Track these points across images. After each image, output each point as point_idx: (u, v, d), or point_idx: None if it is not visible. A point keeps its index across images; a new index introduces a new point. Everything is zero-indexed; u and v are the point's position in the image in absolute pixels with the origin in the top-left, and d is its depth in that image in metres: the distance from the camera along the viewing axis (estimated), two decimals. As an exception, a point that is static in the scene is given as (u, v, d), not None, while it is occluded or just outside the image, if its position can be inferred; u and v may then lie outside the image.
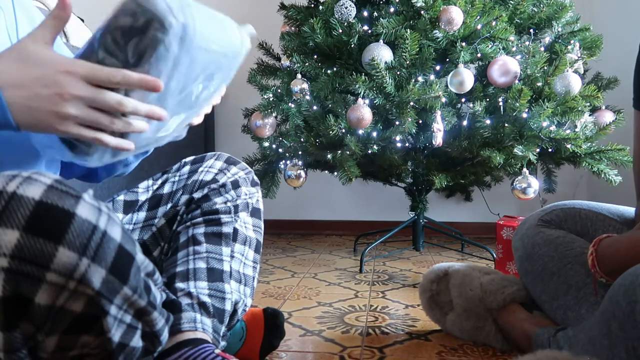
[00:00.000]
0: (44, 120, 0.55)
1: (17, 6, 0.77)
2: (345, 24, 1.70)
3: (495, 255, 1.71)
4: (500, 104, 1.60)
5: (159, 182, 0.94)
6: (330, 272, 1.81)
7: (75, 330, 0.56)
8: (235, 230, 0.88)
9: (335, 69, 1.75)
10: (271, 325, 0.95)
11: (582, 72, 1.74)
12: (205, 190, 0.89)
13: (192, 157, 0.95)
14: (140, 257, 0.59)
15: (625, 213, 1.04)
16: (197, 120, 0.75)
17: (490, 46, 1.63)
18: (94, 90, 0.56)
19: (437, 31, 1.59)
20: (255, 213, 0.93)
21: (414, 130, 1.61)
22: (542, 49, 1.71)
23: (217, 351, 0.75)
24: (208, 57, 0.64)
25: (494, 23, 1.63)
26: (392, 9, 1.69)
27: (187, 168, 0.93)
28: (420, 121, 1.67)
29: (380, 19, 1.65)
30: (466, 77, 1.57)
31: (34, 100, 0.55)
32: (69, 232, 0.51)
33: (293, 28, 1.91)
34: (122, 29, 0.56)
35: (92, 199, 0.55)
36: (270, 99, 1.80)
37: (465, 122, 1.66)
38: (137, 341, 0.62)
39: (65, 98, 0.55)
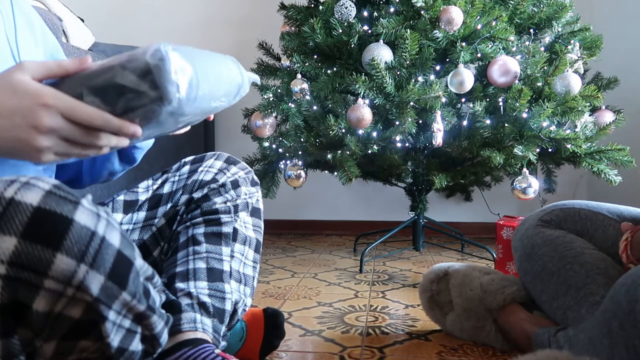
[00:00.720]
0: (18, 149, 0.55)
1: (16, 9, 0.76)
2: (345, 24, 1.70)
3: (495, 255, 1.71)
4: (500, 104, 1.60)
5: (159, 182, 0.94)
6: (330, 272, 1.81)
7: (74, 336, 0.56)
8: (235, 230, 0.88)
9: (335, 69, 1.75)
10: (271, 325, 0.95)
11: (582, 72, 1.74)
12: (205, 190, 0.89)
13: (191, 157, 0.95)
14: (139, 262, 0.58)
15: (624, 212, 1.04)
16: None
17: (490, 46, 1.63)
18: (70, 127, 0.55)
19: (437, 31, 1.59)
20: (255, 213, 0.93)
21: (414, 130, 1.61)
22: (542, 49, 1.71)
23: (217, 351, 0.75)
24: (195, 116, 0.65)
25: (494, 23, 1.63)
26: (392, 9, 1.69)
27: (186, 168, 0.93)
28: (420, 121, 1.67)
29: (380, 19, 1.65)
30: (466, 77, 1.56)
31: (10, 130, 0.54)
32: (67, 238, 0.51)
33: (293, 28, 1.91)
34: (121, 85, 0.55)
35: (90, 204, 0.54)
36: (270, 99, 1.80)
37: (465, 122, 1.66)
38: (136, 345, 0.62)
39: (41, 130, 0.54)
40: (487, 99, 1.66)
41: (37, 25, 0.81)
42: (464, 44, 1.62)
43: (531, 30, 1.80)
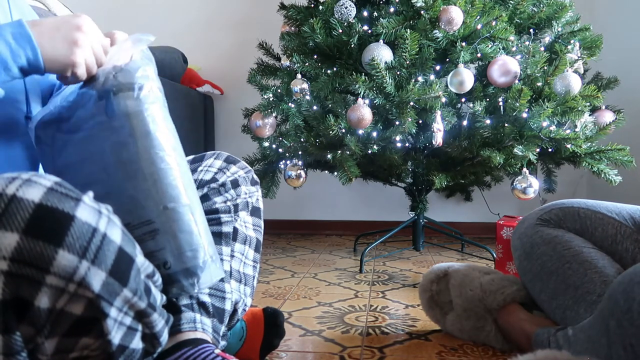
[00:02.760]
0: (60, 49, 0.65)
1: (12, 6, 0.77)
2: (345, 24, 1.70)
3: (495, 255, 1.71)
4: (500, 104, 1.60)
5: (159, 181, 0.93)
6: (330, 272, 1.81)
7: (75, 333, 0.56)
8: (235, 230, 0.88)
9: (335, 69, 1.75)
10: (271, 324, 0.95)
11: (582, 72, 1.74)
12: (205, 190, 0.89)
13: (191, 157, 0.95)
14: (140, 259, 0.59)
15: (622, 211, 1.04)
16: None
17: (490, 46, 1.63)
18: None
19: (437, 31, 1.59)
20: (255, 212, 0.93)
21: (414, 130, 1.61)
22: (542, 49, 1.71)
23: (217, 351, 0.75)
24: None
25: (494, 23, 1.63)
26: (392, 9, 1.69)
27: (186, 167, 0.93)
28: (420, 121, 1.67)
29: (380, 19, 1.65)
30: (466, 77, 1.56)
31: (52, 33, 0.65)
32: (69, 234, 0.51)
33: (293, 28, 1.91)
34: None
35: (92, 201, 0.55)
36: (270, 99, 1.80)
37: (465, 122, 1.66)
38: (137, 343, 0.62)
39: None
40: (487, 99, 1.66)
41: (30, 19, 0.81)
42: (464, 44, 1.62)
43: (531, 30, 1.80)
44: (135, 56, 0.69)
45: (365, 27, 1.71)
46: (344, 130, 1.64)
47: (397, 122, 1.61)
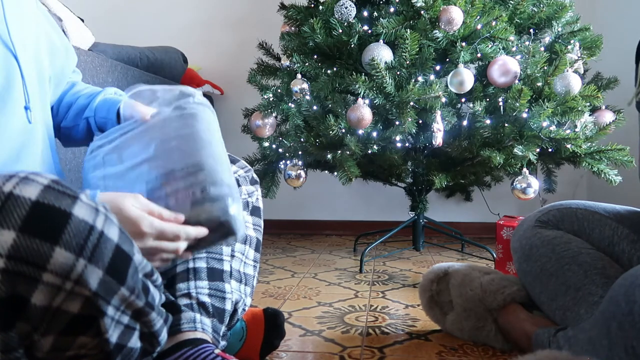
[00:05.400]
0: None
1: (6, 5, 0.75)
2: (345, 24, 1.70)
3: (495, 255, 1.71)
4: (500, 104, 1.60)
5: (159, 182, 0.93)
6: (330, 272, 1.81)
7: (72, 331, 0.56)
8: (236, 230, 0.88)
9: (335, 69, 1.75)
10: (271, 325, 0.95)
11: (582, 72, 1.74)
12: (205, 190, 0.89)
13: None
14: (138, 257, 0.59)
15: (620, 211, 1.04)
16: None
17: (490, 46, 1.63)
18: (158, 243, 0.68)
19: (437, 31, 1.59)
20: (255, 212, 0.93)
21: (414, 130, 1.61)
22: (542, 49, 1.71)
23: (217, 351, 0.75)
24: None
25: (494, 23, 1.63)
26: (392, 9, 1.69)
27: (186, 168, 0.93)
28: (420, 121, 1.67)
29: (380, 19, 1.65)
30: (466, 77, 1.56)
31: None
32: (66, 232, 0.51)
33: (293, 28, 1.91)
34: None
35: (89, 199, 0.55)
36: (270, 99, 1.80)
37: (465, 122, 1.66)
38: (135, 342, 0.62)
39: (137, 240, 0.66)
40: (487, 99, 1.66)
41: (24, 3, 0.79)
42: (464, 44, 1.62)
43: (531, 30, 1.80)
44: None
45: (365, 27, 1.71)
46: (344, 130, 1.64)
47: (397, 122, 1.61)
